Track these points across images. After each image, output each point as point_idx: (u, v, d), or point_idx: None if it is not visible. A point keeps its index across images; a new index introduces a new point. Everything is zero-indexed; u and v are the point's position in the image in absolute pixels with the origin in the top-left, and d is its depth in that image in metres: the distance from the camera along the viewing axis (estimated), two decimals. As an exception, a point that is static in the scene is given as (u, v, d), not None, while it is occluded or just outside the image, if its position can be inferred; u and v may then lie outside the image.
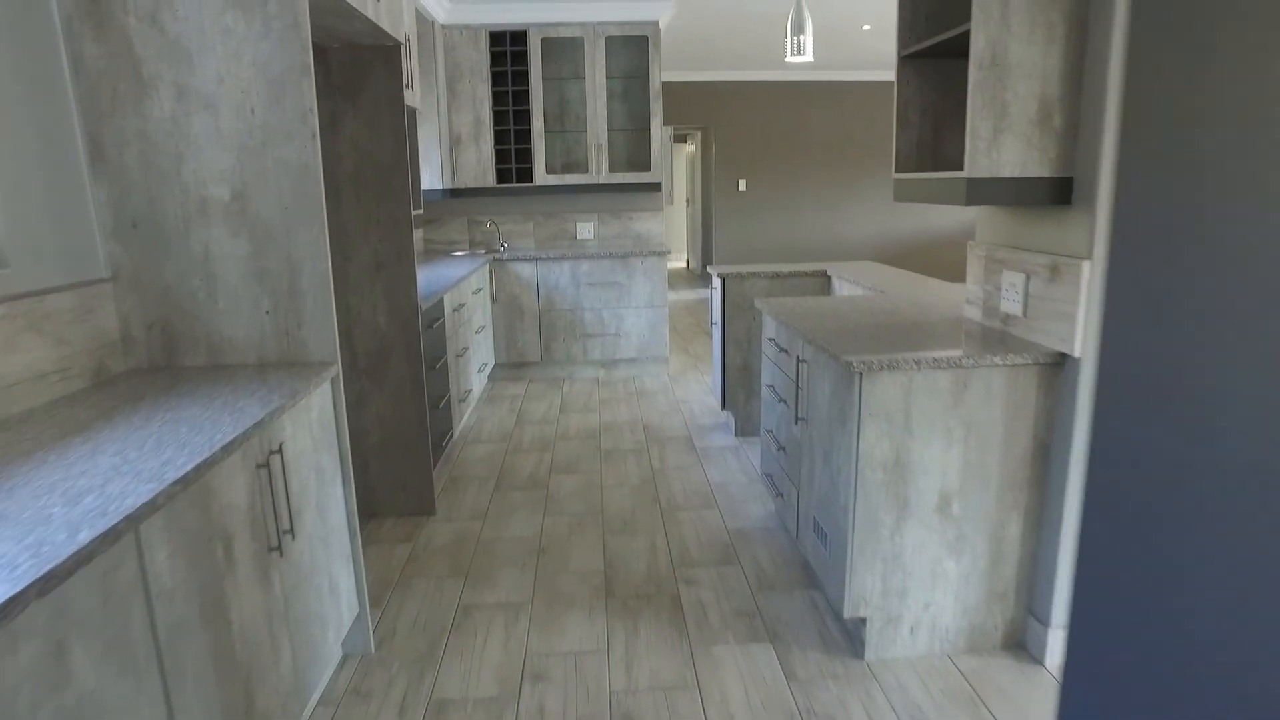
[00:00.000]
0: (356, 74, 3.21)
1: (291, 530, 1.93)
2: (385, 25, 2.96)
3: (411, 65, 3.63)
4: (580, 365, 5.99)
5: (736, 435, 4.59)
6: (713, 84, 9.51)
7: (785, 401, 3.00)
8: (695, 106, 9.56)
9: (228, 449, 1.60)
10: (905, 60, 2.60)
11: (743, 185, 9.79)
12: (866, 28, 6.87)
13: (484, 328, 5.34)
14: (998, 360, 2.25)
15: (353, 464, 3.52)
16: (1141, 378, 0.96)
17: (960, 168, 2.66)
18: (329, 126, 3.23)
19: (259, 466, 1.79)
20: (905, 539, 2.37)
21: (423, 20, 5.38)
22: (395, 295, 3.38)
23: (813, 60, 3.40)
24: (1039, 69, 2.13)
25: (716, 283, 4.50)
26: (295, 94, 2.16)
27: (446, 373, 4.12)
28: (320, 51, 3.17)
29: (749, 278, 4.39)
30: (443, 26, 5.67)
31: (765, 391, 3.34)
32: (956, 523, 2.38)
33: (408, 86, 3.57)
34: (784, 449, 3.06)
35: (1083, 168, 2.16)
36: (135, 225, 2.20)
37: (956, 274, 10.16)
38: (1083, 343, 2.20)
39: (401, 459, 3.53)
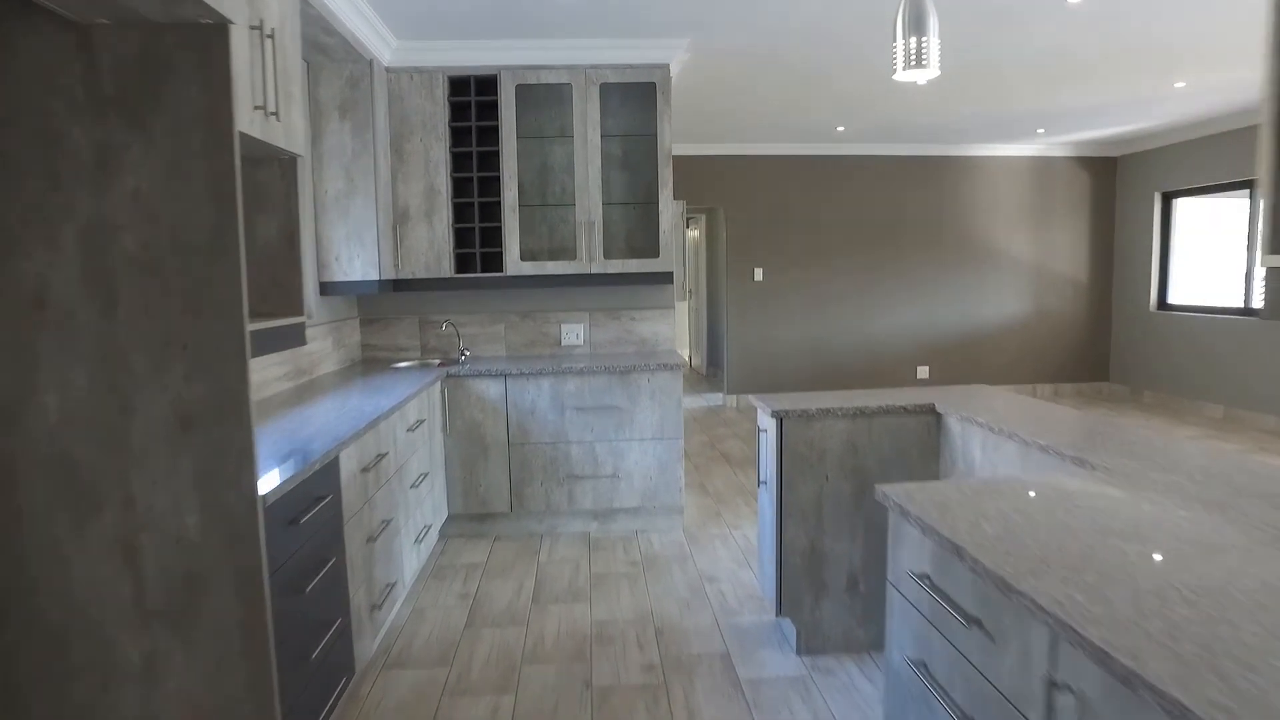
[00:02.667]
0: (146, 80, 1.75)
1: None
2: (174, -29, 1.52)
3: (269, 75, 2.17)
4: (564, 517, 4.40)
5: (799, 653, 2.99)
6: (722, 159, 8.22)
7: (981, 730, 1.43)
8: (703, 185, 8.25)
9: None
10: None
11: (759, 274, 8.40)
12: (921, 82, 5.58)
13: (426, 475, 3.78)
14: None
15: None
16: None
17: None
18: (94, 170, 1.76)
19: None
20: None
21: (359, 59, 4.02)
22: (216, 477, 1.84)
23: (938, 74, 1.95)
24: None
25: (768, 424, 2.97)
26: None
27: (343, 580, 2.53)
28: (81, 34, 1.72)
29: (818, 417, 2.87)
30: (387, 69, 4.31)
31: (901, 664, 1.78)
32: None
33: (265, 111, 2.11)
34: (970, 817, 1.48)
35: None
36: None
37: (1003, 378, 8.70)
38: None
39: (227, 770, 1.92)
